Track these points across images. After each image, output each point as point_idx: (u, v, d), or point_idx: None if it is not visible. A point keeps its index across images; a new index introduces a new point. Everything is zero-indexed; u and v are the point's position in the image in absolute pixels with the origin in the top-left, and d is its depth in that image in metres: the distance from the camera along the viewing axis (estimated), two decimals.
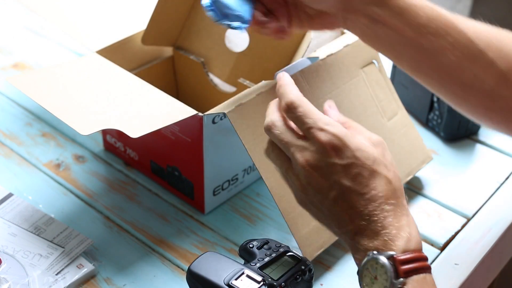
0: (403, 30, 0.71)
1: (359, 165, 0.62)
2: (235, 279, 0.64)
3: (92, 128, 0.72)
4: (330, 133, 0.63)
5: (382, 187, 0.62)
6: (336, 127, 0.63)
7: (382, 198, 0.61)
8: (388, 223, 0.61)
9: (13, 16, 1.28)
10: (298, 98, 0.65)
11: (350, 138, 0.63)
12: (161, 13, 0.91)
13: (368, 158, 0.62)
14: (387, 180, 0.62)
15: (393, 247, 0.60)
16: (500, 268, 0.93)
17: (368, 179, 0.62)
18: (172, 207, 0.88)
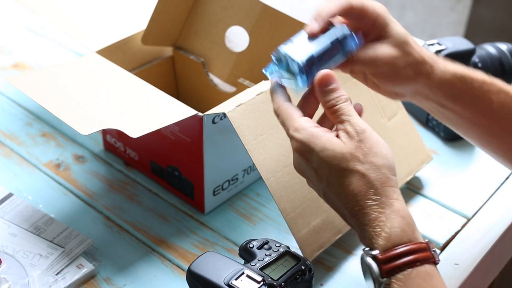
0: (475, 116, 0.72)
1: (326, 166, 0.62)
2: (235, 279, 0.64)
3: (92, 128, 0.72)
4: (297, 140, 0.64)
5: (356, 184, 0.61)
6: (303, 131, 0.63)
7: (358, 195, 0.61)
8: (369, 221, 0.60)
9: (13, 16, 1.28)
10: (277, 106, 0.67)
11: (315, 140, 0.63)
12: (161, 13, 0.91)
13: (334, 157, 0.62)
14: (359, 175, 0.61)
15: (376, 246, 0.60)
16: (500, 268, 0.93)
17: (339, 179, 0.61)
18: (172, 207, 0.88)
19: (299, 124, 0.64)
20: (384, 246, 0.59)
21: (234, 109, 0.75)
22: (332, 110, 0.65)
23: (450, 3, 2.44)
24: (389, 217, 0.60)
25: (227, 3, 0.92)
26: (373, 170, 0.61)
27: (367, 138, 0.62)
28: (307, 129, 0.64)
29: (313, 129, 0.64)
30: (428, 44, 1.00)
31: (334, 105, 0.64)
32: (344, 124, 0.63)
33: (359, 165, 0.61)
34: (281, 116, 0.66)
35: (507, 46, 1.04)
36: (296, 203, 0.76)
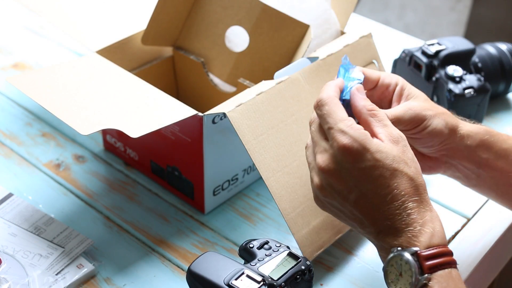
0: (509, 171, 0.73)
1: (379, 166, 0.62)
2: (235, 279, 0.64)
3: (92, 128, 0.72)
4: (350, 136, 0.63)
5: (404, 185, 0.62)
6: (357, 130, 0.63)
7: (404, 196, 0.62)
8: (411, 220, 0.61)
9: (13, 16, 1.28)
10: (327, 97, 0.66)
11: (369, 141, 0.63)
12: (161, 13, 0.91)
13: (387, 158, 0.62)
14: (408, 178, 0.62)
15: (417, 243, 0.60)
16: (500, 268, 0.93)
17: (390, 179, 0.62)
18: (172, 207, 0.88)
19: (352, 122, 0.64)
20: (426, 244, 0.60)
21: (234, 109, 0.75)
22: (372, 113, 0.65)
23: (450, 3, 2.44)
24: (431, 219, 0.62)
25: (227, 3, 0.92)
26: (418, 175, 0.63)
27: (408, 145, 0.65)
28: (360, 129, 0.64)
29: (364, 131, 0.64)
30: (428, 44, 1.00)
31: (374, 109, 0.66)
32: (387, 129, 0.65)
33: (407, 169, 0.63)
34: (327, 106, 0.65)
35: (507, 46, 1.04)
36: (296, 203, 0.77)
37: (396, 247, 0.61)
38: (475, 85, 0.96)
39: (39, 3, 0.95)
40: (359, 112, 0.67)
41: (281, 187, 0.76)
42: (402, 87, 0.73)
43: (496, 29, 2.29)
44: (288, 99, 0.79)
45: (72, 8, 0.96)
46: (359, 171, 0.63)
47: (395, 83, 0.74)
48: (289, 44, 0.90)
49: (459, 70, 0.97)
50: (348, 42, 0.87)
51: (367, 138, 0.63)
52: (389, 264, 0.62)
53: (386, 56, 1.05)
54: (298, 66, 0.82)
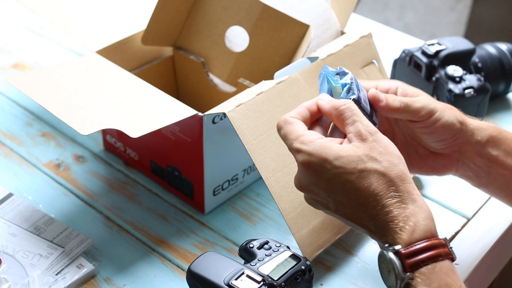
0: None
1: (342, 173, 0.61)
2: (235, 279, 0.64)
3: (92, 128, 0.72)
4: (306, 153, 0.63)
5: (376, 183, 0.61)
6: (311, 143, 0.63)
7: (378, 194, 0.61)
8: (392, 218, 0.60)
9: (13, 16, 1.28)
10: (281, 120, 0.66)
11: (327, 150, 0.62)
12: (161, 13, 0.91)
13: (350, 162, 0.61)
14: (379, 174, 0.61)
15: (399, 241, 0.60)
16: (500, 268, 0.93)
17: (357, 182, 0.61)
18: (172, 207, 0.88)
19: (306, 137, 0.64)
20: (407, 241, 0.59)
21: (234, 109, 0.75)
22: (340, 110, 0.65)
23: (450, 3, 2.44)
24: (413, 212, 0.60)
25: (227, 3, 0.92)
26: (392, 168, 0.61)
27: (380, 138, 0.63)
28: (314, 141, 0.63)
29: (321, 141, 0.63)
30: (428, 44, 1.00)
31: (343, 105, 0.65)
32: (355, 125, 0.64)
33: (376, 165, 0.61)
34: (284, 128, 0.66)
35: (507, 46, 1.04)
36: (296, 203, 0.77)
37: (384, 244, 0.61)
38: (475, 85, 0.96)
39: (39, 3, 0.95)
40: (329, 116, 0.66)
41: (281, 187, 0.76)
42: (404, 89, 0.73)
43: (496, 29, 2.29)
44: (288, 99, 0.79)
45: (72, 8, 0.96)
46: (325, 182, 0.63)
47: (395, 87, 0.74)
48: (289, 44, 0.90)
49: (459, 70, 0.97)
50: (348, 42, 0.87)
51: (324, 148, 0.62)
52: (380, 260, 0.62)
53: (386, 56, 1.05)
54: (298, 66, 0.82)
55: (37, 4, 0.94)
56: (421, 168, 0.77)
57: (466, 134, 0.72)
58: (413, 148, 0.76)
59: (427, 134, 0.73)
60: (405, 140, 0.76)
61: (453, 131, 0.72)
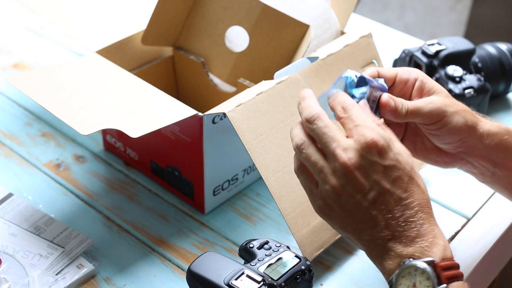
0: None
1: (400, 168, 0.62)
2: (235, 279, 0.64)
3: (92, 128, 0.72)
4: (378, 133, 0.63)
5: (419, 195, 0.62)
6: (383, 130, 0.64)
7: (418, 205, 0.62)
8: (424, 231, 0.61)
9: (13, 16, 1.28)
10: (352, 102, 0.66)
11: (393, 141, 0.63)
12: (161, 13, 0.91)
13: (407, 163, 0.63)
14: (421, 190, 0.63)
15: (431, 254, 0.60)
16: (500, 268, 0.93)
17: (407, 185, 0.62)
18: (172, 207, 0.88)
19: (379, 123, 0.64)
20: (441, 255, 0.60)
21: (234, 109, 0.75)
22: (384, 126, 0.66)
23: (450, 3, 2.44)
24: (440, 233, 0.62)
25: (227, 3, 0.92)
26: (427, 192, 0.64)
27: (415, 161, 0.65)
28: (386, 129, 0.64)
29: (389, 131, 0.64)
30: (428, 44, 1.00)
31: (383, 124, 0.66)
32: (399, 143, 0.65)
33: (420, 181, 0.63)
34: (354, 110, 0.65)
35: (507, 46, 1.04)
36: (296, 203, 0.77)
37: (407, 258, 0.60)
38: (475, 85, 0.96)
39: (39, 3, 0.95)
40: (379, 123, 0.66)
41: (281, 187, 0.76)
42: (423, 82, 0.73)
43: (496, 29, 2.29)
44: (288, 99, 0.79)
45: (72, 8, 0.96)
46: (382, 168, 0.62)
47: (414, 79, 0.73)
48: (289, 44, 0.90)
49: (459, 70, 0.97)
50: (348, 42, 0.87)
51: (392, 138, 0.63)
52: (400, 275, 0.60)
53: (386, 56, 1.05)
54: (298, 66, 0.82)
55: (37, 4, 0.94)
56: (425, 158, 0.77)
57: (474, 138, 0.72)
58: (420, 138, 0.76)
59: (432, 136, 0.73)
60: (414, 129, 0.76)
61: (460, 136, 0.72)
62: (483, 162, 0.74)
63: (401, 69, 0.74)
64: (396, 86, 0.73)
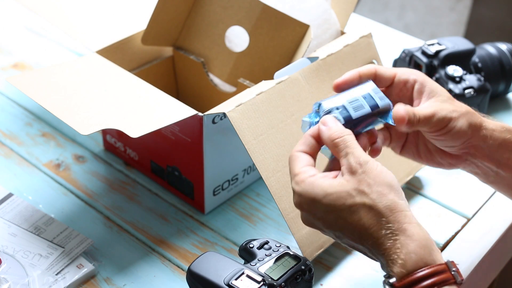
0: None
1: (333, 210, 0.61)
2: (235, 279, 0.64)
3: (92, 128, 0.72)
4: (297, 194, 0.63)
5: (366, 217, 0.60)
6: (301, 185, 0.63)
7: (370, 228, 0.60)
8: (385, 250, 0.60)
9: (13, 16, 1.28)
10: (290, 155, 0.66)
11: (315, 190, 0.62)
12: (161, 13, 0.91)
13: (339, 198, 0.61)
14: (367, 208, 0.60)
15: (393, 274, 0.59)
16: (500, 268, 0.93)
17: (349, 217, 0.61)
18: (172, 207, 0.88)
19: (299, 177, 0.64)
20: (401, 273, 0.59)
21: (234, 109, 0.75)
22: (335, 143, 0.64)
23: (450, 3, 2.44)
24: (403, 243, 0.59)
25: (227, 3, 0.92)
26: (380, 199, 0.60)
27: (370, 169, 0.62)
28: (305, 180, 0.63)
29: (312, 179, 0.63)
30: (428, 44, 1.00)
31: (338, 137, 0.64)
32: (347, 158, 0.63)
33: (365, 198, 0.61)
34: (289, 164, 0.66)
35: (507, 46, 1.04)
36: None
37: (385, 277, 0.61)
38: (475, 85, 0.96)
39: (39, 3, 0.95)
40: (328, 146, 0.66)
41: (281, 187, 0.76)
42: (422, 84, 0.71)
43: (496, 29, 2.29)
44: (288, 99, 0.79)
45: (72, 8, 0.96)
46: (320, 220, 0.63)
47: (413, 80, 0.72)
48: (289, 44, 0.90)
49: (459, 70, 0.97)
50: (348, 42, 0.87)
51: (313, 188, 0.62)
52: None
53: (386, 56, 1.05)
54: (298, 66, 0.82)
55: (37, 4, 0.94)
56: (428, 161, 0.76)
57: (477, 139, 0.72)
58: (423, 141, 0.75)
59: (436, 141, 0.72)
60: (416, 133, 0.75)
61: (463, 139, 0.71)
62: (487, 162, 0.73)
63: (400, 70, 0.73)
64: (395, 87, 0.72)
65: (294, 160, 0.65)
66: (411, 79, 0.72)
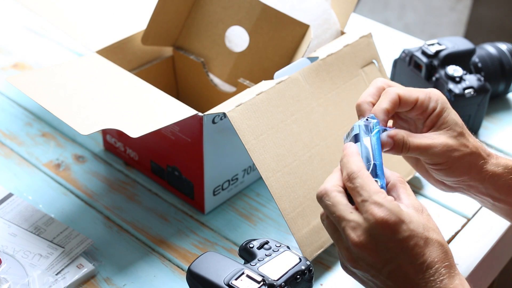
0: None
1: (414, 235, 0.61)
2: (235, 279, 0.64)
3: (92, 128, 0.72)
4: (386, 209, 0.61)
5: (437, 252, 0.61)
6: (391, 202, 0.62)
7: (438, 263, 0.61)
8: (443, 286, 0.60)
9: (13, 16, 1.28)
10: (358, 169, 0.63)
11: (403, 212, 0.61)
12: (161, 13, 0.91)
13: (419, 226, 0.61)
14: (439, 244, 0.61)
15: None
16: (500, 268, 0.93)
17: (424, 247, 0.61)
18: (172, 207, 0.88)
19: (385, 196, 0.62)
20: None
21: (234, 109, 0.75)
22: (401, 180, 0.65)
23: (450, 3, 2.44)
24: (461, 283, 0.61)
25: (227, 3, 0.92)
26: (445, 242, 0.62)
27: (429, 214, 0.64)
28: (393, 201, 0.62)
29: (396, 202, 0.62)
30: (428, 44, 1.00)
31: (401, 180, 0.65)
32: (411, 198, 0.64)
33: (436, 235, 0.62)
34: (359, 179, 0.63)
35: (507, 46, 1.04)
36: (296, 203, 0.77)
37: None
38: (475, 85, 0.96)
39: (39, 3, 0.95)
40: (389, 177, 0.65)
41: (281, 187, 0.76)
42: (439, 115, 0.70)
43: (496, 29, 2.29)
44: (288, 99, 0.80)
45: (72, 8, 0.96)
46: (396, 243, 0.61)
47: (432, 108, 0.70)
48: (289, 44, 0.90)
49: (459, 70, 0.97)
50: (348, 42, 0.87)
51: (401, 209, 0.62)
52: None
53: (386, 56, 1.05)
54: (298, 66, 0.82)
55: (37, 4, 0.94)
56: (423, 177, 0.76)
57: (475, 181, 0.71)
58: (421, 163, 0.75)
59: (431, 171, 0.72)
60: None
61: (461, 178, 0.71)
62: (484, 196, 0.73)
63: (422, 94, 0.71)
64: (416, 109, 0.71)
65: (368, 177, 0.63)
66: (431, 106, 0.70)
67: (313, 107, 0.82)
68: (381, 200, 0.61)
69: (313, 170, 0.79)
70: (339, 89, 0.84)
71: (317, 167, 0.79)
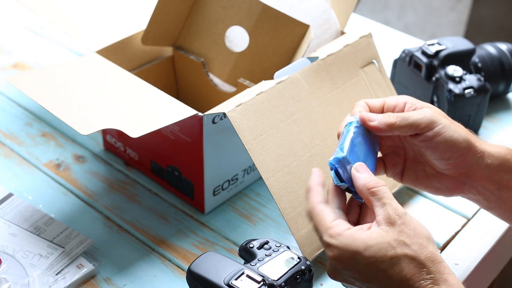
0: None
1: (374, 262, 0.61)
2: (235, 279, 0.64)
3: (92, 128, 0.72)
4: (336, 247, 0.62)
5: (407, 268, 0.60)
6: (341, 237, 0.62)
7: (411, 279, 0.60)
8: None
9: (13, 16, 1.28)
10: (313, 206, 0.66)
11: (357, 242, 0.61)
12: (161, 13, 0.91)
13: (380, 249, 0.61)
14: (409, 258, 0.61)
15: None
16: (500, 268, 0.93)
17: (389, 269, 0.61)
18: (172, 207, 0.88)
19: (334, 230, 0.63)
20: None
21: (234, 109, 0.75)
22: (372, 191, 0.64)
23: (450, 3, 2.44)
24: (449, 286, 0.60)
25: (227, 3, 0.92)
26: (421, 250, 0.61)
27: (409, 221, 0.63)
28: (343, 233, 0.62)
29: (350, 232, 0.63)
30: (428, 44, 1.00)
31: (374, 187, 0.64)
32: (385, 208, 0.63)
33: (406, 249, 0.61)
34: (314, 219, 0.65)
35: (507, 46, 1.04)
36: (296, 203, 0.77)
37: None
38: (475, 85, 0.96)
39: (39, 3, 0.95)
40: (360, 192, 0.66)
41: (281, 187, 0.76)
42: (412, 104, 0.72)
43: (496, 29, 2.29)
44: (288, 99, 0.80)
45: (72, 8, 0.96)
46: (358, 273, 0.62)
47: (402, 103, 0.72)
48: (289, 44, 0.90)
49: (459, 70, 0.97)
50: (348, 42, 0.87)
51: (354, 241, 0.62)
52: None
53: (386, 56, 1.05)
54: (298, 66, 0.82)
55: (37, 4, 0.94)
56: (427, 187, 0.75)
57: (474, 156, 0.70)
58: (421, 166, 0.74)
59: (430, 149, 0.71)
60: (415, 157, 0.75)
61: (458, 150, 0.70)
62: (487, 184, 0.72)
63: (388, 98, 0.73)
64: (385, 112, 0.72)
65: (319, 213, 0.65)
66: (400, 101, 0.72)
67: (313, 107, 0.82)
68: (330, 240, 0.63)
69: None
70: (339, 89, 0.84)
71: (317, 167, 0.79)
